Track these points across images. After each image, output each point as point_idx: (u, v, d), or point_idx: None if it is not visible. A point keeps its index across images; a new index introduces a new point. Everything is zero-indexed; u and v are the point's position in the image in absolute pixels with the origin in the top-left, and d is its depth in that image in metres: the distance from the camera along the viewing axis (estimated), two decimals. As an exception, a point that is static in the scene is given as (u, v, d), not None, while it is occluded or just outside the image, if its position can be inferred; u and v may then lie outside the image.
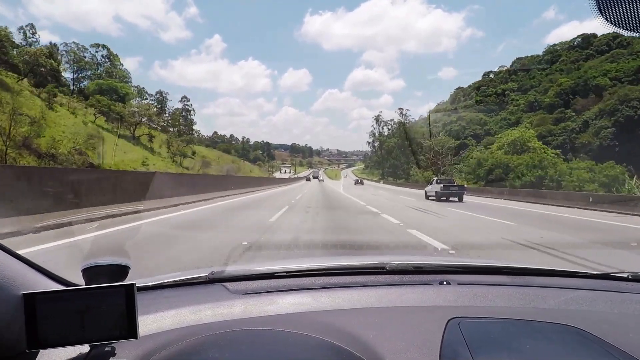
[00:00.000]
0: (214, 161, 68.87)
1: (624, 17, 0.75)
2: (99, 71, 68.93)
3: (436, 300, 1.08)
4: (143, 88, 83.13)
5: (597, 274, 1.35)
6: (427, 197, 21.02)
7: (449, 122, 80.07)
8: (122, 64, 75.36)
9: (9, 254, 0.76)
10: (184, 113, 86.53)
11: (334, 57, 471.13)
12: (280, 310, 1.00)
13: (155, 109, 63.35)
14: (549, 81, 72.28)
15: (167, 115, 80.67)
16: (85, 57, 67.23)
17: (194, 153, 62.40)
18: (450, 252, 5.20)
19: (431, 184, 21.40)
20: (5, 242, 0.78)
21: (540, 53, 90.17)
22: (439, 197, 19.23)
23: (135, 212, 8.84)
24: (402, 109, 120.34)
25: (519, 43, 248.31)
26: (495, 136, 60.73)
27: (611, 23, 0.77)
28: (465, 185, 25.97)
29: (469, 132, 74.94)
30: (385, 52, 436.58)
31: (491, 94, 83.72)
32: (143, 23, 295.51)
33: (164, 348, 0.78)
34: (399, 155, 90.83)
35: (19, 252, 0.78)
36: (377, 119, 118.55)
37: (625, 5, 0.73)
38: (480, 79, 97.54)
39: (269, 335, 0.86)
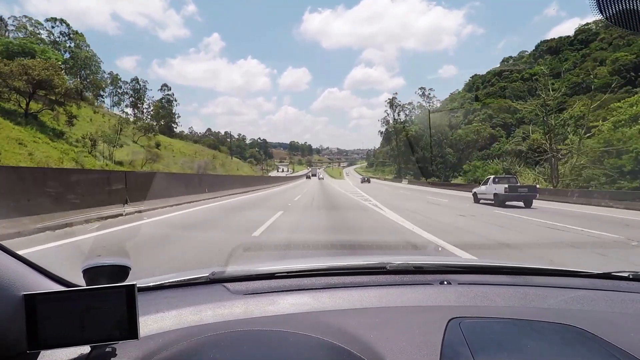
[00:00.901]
0: (189, 156, 53.09)
1: (624, 16, 0.75)
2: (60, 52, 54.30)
3: (437, 300, 1.08)
4: (117, 75, 71.68)
5: (597, 274, 1.35)
6: (476, 200, 16.85)
7: (472, 111, 70.82)
8: (89, 45, 61.30)
9: (10, 254, 0.76)
10: (164, 103, 77.16)
11: (334, 56, 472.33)
12: (281, 310, 1.00)
13: (79, 83, 47.45)
14: (592, 60, 62.41)
15: (146, 106, 74.01)
16: (40, 33, 54.21)
17: (158, 145, 46.81)
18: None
19: (485, 184, 16.50)
20: (6, 243, 0.79)
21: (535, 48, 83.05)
22: (501, 202, 14.66)
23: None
24: (424, 88, 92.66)
25: (520, 40, 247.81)
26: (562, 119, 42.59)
27: (611, 22, 0.77)
28: (538, 186, 19.11)
29: (498, 121, 64.71)
30: (385, 50, 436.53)
31: (516, 79, 73.45)
32: (141, 21, 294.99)
33: (164, 349, 0.78)
34: (426, 147, 72.29)
35: (20, 252, 0.78)
36: (392, 103, 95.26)
37: (625, 4, 0.73)
38: (499, 65, 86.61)
39: (269, 335, 0.86)
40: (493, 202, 15.25)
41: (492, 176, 17.16)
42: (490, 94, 74.36)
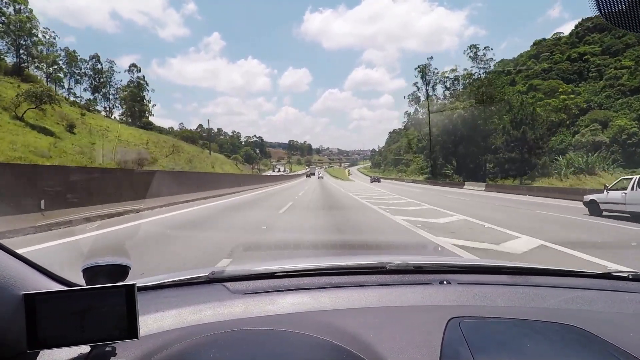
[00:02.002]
0: (135, 146, 38.16)
1: (624, 16, 0.75)
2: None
3: (436, 300, 1.08)
4: (74, 51, 57.26)
5: (597, 274, 1.35)
6: (593, 211, 11.46)
7: (513, 93, 56.90)
8: (31, 10, 45.72)
9: (9, 253, 0.76)
10: (132, 88, 64.52)
11: (334, 56, 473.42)
12: (281, 310, 1.00)
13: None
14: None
15: (113, 91, 62.94)
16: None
17: (71, 126, 32.26)
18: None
19: (619, 188, 10.81)
20: (6, 242, 0.78)
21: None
22: None
23: None
24: (476, 46, 59.76)
25: (521, 42, 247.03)
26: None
27: (610, 22, 0.77)
28: None
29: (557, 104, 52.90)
30: (386, 51, 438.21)
31: (559, 60, 63.01)
32: (140, 19, 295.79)
33: (164, 348, 0.78)
34: (473, 137, 49.47)
35: (19, 251, 0.78)
36: (424, 71, 63.58)
37: (625, 4, 0.73)
38: (529, 49, 73.49)
39: (269, 335, 0.86)
40: (628, 214, 10.35)
41: (638, 176, 10.49)
42: (531, 76, 62.54)
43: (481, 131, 49.96)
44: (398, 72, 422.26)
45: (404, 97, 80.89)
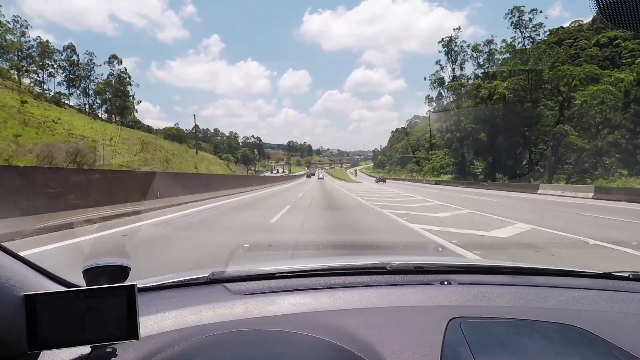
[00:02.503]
0: (89, 140, 32.39)
1: (624, 16, 0.75)
2: None
3: (437, 300, 1.08)
4: (47, 41, 52.31)
5: (597, 274, 1.35)
6: None
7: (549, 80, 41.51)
8: None
9: (10, 255, 0.76)
10: (113, 81, 58.64)
11: (334, 58, 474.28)
12: (281, 310, 1.00)
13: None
14: None
15: (91, 82, 56.52)
16: None
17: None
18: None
19: None
20: (6, 244, 0.78)
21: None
22: None
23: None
24: (520, 9, 43.81)
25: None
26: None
27: (611, 22, 0.77)
28: None
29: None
30: (385, 52, 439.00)
31: (585, 46, 56.39)
32: (139, 22, 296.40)
33: (165, 349, 0.78)
34: (515, 126, 39.15)
35: (20, 253, 0.78)
36: (449, 45, 51.08)
37: (625, 3, 0.73)
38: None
39: (270, 335, 0.86)
40: None
41: None
42: (555, 64, 48.52)
43: (525, 119, 37.88)
44: (398, 72, 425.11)
45: (424, 79, 64.33)
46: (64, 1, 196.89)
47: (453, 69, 52.00)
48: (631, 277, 1.29)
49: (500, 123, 40.75)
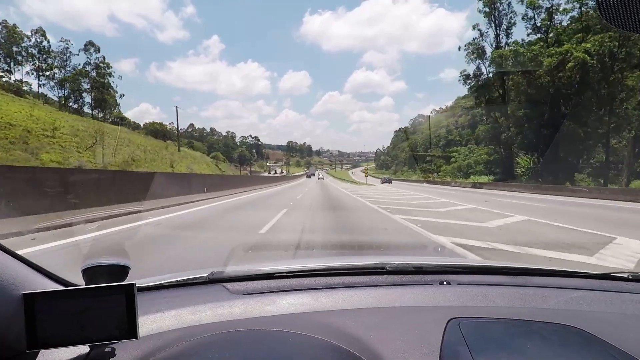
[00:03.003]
0: (21, 129, 24.42)
1: (624, 16, 0.75)
2: None
3: (436, 301, 1.08)
4: (14, 25, 46.12)
5: (597, 274, 1.35)
6: None
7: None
8: None
9: (9, 254, 0.76)
10: (89, 71, 51.47)
11: (334, 59, 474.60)
12: (280, 310, 1.00)
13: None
14: None
15: (67, 73, 49.57)
16: None
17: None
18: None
19: None
20: (6, 243, 0.78)
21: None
22: None
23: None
24: None
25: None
26: None
27: (611, 22, 0.78)
28: None
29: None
30: (386, 53, 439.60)
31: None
32: (139, 23, 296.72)
33: (164, 348, 0.78)
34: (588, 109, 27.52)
35: (19, 252, 0.78)
36: (491, 6, 36.39)
37: (626, 5, 0.73)
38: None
39: (269, 335, 0.86)
40: None
41: None
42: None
43: (602, 99, 27.19)
44: (398, 74, 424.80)
45: (459, 49, 46.42)
46: (64, 2, 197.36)
47: (497, 35, 37.30)
48: (630, 277, 1.29)
49: (567, 105, 29.56)
